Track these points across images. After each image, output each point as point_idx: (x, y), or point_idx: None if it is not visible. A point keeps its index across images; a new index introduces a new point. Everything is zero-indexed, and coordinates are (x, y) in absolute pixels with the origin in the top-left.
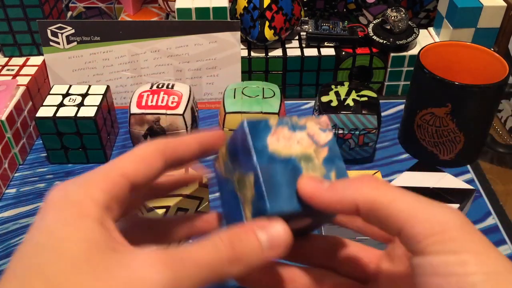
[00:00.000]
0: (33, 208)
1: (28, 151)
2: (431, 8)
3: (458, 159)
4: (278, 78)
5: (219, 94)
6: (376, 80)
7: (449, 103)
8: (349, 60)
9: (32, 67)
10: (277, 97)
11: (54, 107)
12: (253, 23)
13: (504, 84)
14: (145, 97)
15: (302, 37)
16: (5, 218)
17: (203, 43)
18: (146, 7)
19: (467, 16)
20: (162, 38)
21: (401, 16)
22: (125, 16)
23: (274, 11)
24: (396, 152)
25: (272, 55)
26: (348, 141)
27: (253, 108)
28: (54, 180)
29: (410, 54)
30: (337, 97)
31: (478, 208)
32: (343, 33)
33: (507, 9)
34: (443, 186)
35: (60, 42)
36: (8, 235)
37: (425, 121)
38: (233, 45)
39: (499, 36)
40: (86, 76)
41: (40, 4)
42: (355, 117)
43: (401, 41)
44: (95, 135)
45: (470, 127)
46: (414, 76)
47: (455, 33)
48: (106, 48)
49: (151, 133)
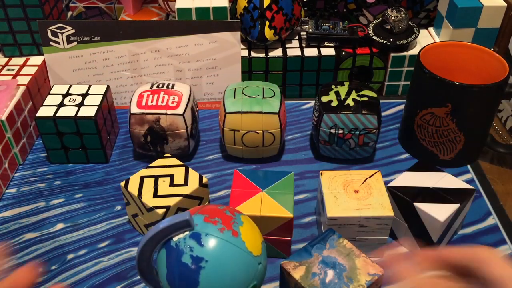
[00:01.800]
0: (33, 208)
1: (28, 151)
2: (431, 8)
3: (458, 159)
4: (278, 78)
5: (219, 94)
6: (376, 80)
7: (449, 103)
8: (349, 60)
9: (32, 67)
10: (277, 97)
11: (54, 107)
12: (253, 23)
13: (504, 84)
14: (145, 97)
15: (302, 37)
16: (5, 218)
17: (203, 43)
18: (146, 7)
19: (467, 16)
20: (162, 38)
21: (401, 16)
22: (125, 16)
23: (274, 11)
24: (396, 152)
25: (272, 55)
26: (348, 141)
27: (253, 108)
28: (54, 180)
29: (410, 54)
30: (337, 97)
31: (478, 208)
32: (343, 33)
33: (507, 9)
34: (443, 186)
35: (60, 42)
36: (8, 235)
37: (425, 121)
38: (233, 45)
39: (499, 36)
40: (86, 76)
41: (40, 4)
42: (355, 117)
43: (401, 41)
44: (95, 135)
45: (470, 127)
46: (414, 76)
47: (455, 33)
48: (106, 48)
49: (151, 133)
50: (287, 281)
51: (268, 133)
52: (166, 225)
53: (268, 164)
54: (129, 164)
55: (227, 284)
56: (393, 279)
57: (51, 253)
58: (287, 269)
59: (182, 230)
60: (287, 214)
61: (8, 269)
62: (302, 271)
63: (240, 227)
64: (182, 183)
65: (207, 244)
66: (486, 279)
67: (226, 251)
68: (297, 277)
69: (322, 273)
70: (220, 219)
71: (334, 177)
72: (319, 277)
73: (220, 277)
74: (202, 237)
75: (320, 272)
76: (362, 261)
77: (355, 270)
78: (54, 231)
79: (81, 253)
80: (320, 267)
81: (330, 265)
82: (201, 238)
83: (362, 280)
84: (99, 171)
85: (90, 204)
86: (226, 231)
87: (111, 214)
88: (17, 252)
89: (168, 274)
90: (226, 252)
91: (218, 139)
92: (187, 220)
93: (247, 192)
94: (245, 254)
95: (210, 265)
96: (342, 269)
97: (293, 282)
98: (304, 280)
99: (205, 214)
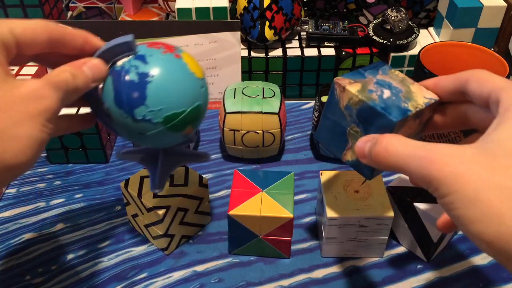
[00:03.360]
0: (33, 208)
1: None
2: (431, 8)
3: None
4: (278, 78)
5: (219, 94)
6: None
7: None
8: (349, 60)
9: (32, 67)
10: (277, 97)
11: None
12: (253, 23)
13: None
14: None
15: (302, 37)
16: (5, 218)
17: (203, 43)
18: (146, 7)
19: (467, 16)
20: (162, 38)
21: (401, 16)
22: (125, 16)
23: (274, 11)
24: None
25: (272, 55)
26: None
27: (253, 108)
28: (54, 180)
29: (410, 54)
30: None
31: None
32: (343, 33)
33: (507, 9)
34: None
35: None
36: (8, 235)
37: None
38: (233, 45)
39: (499, 36)
40: None
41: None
42: None
43: (401, 41)
44: (95, 135)
45: None
46: (414, 76)
47: (455, 33)
48: None
49: None
50: (338, 99)
51: (268, 133)
52: (108, 47)
53: (268, 164)
54: (129, 164)
55: (173, 100)
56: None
57: (51, 253)
58: (342, 83)
59: (125, 54)
60: (287, 214)
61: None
62: (358, 86)
63: (181, 53)
64: (182, 183)
65: (152, 62)
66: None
67: (171, 67)
68: (354, 91)
69: (379, 90)
70: (162, 46)
71: (334, 177)
72: (376, 94)
73: (166, 92)
74: (147, 57)
75: (377, 90)
76: (416, 87)
77: (411, 93)
78: (54, 231)
79: (81, 253)
80: (376, 86)
81: (386, 86)
82: (146, 58)
83: (420, 101)
84: (99, 171)
85: (90, 204)
86: (169, 53)
87: (111, 214)
88: (17, 252)
89: (115, 96)
90: (170, 69)
91: (218, 139)
92: (128, 42)
93: (247, 192)
94: (188, 72)
95: (156, 80)
96: (398, 90)
97: (347, 97)
98: (361, 93)
99: (147, 43)
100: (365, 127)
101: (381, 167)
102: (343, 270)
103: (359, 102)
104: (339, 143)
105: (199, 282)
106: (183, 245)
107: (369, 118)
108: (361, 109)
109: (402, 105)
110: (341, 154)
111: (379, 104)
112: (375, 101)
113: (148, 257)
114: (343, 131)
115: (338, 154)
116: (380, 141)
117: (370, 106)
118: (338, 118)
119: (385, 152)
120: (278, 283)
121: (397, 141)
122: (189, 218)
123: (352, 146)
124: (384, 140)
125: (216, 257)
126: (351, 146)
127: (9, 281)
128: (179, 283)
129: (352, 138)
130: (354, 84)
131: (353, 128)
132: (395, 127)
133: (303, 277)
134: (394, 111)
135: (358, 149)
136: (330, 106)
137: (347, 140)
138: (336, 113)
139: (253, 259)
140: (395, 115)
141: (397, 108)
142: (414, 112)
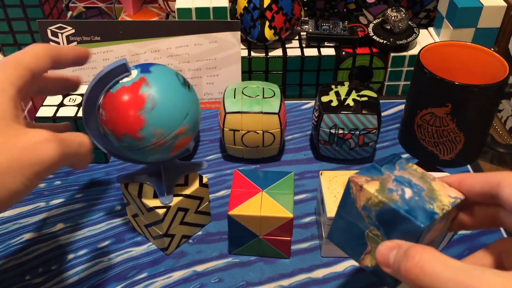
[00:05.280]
0: (33, 208)
1: None
2: (431, 8)
3: (458, 159)
4: (278, 78)
5: (219, 94)
6: (376, 80)
7: (449, 103)
8: (349, 60)
9: None
10: (277, 97)
11: (54, 107)
12: (253, 23)
13: (504, 84)
14: None
15: (302, 37)
16: (5, 218)
17: (203, 43)
18: (146, 7)
19: (467, 16)
20: (162, 38)
21: (401, 16)
22: (125, 16)
23: (274, 11)
24: (396, 152)
25: (272, 55)
26: (348, 141)
27: (253, 108)
28: (54, 180)
29: (410, 54)
30: (337, 97)
31: None
32: (343, 33)
33: (507, 9)
34: None
35: (60, 42)
36: (8, 235)
37: (425, 121)
38: (233, 45)
39: (499, 36)
40: (86, 76)
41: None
42: (355, 117)
43: (401, 41)
44: None
45: (470, 127)
46: (414, 76)
47: (455, 33)
48: (106, 48)
49: None
50: (355, 198)
51: (268, 133)
52: (105, 73)
53: (268, 164)
54: (129, 164)
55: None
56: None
57: (51, 253)
58: (358, 182)
59: (121, 75)
60: (287, 214)
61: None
62: (376, 185)
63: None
64: (182, 183)
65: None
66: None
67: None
68: (372, 191)
69: (400, 190)
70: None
71: (334, 177)
72: (397, 193)
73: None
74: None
75: (397, 189)
76: (439, 184)
77: (434, 192)
78: (54, 231)
79: (81, 253)
80: (395, 184)
81: (406, 184)
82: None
83: (445, 201)
84: (99, 171)
85: (90, 204)
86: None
87: (111, 214)
88: (17, 252)
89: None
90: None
91: (218, 139)
92: (124, 65)
93: (247, 192)
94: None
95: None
96: (420, 189)
97: (365, 197)
98: (381, 193)
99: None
100: (386, 230)
101: (411, 284)
102: (343, 270)
103: (379, 203)
104: (355, 246)
105: (199, 282)
106: (183, 245)
107: (392, 221)
108: (381, 211)
109: (427, 207)
110: (359, 259)
111: (402, 206)
112: (397, 203)
113: (148, 257)
114: (360, 234)
115: (355, 258)
116: (411, 256)
117: (392, 208)
118: (354, 219)
119: (419, 271)
120: (278, 283)
121: (433, 259)
122: (189, 218)
123: (372, 251)
124: (417, 256)
125: (216, 257)
126: (371, 250)
127: (9, 281)
128: (179, 283)
129: (371, 242)
130: (372, 183)
131: (373, 231)
132: (422, 233)
133: (303, 277)
134: (419, 215)
135: (381, 256)
136: (345, 205)
137: (366, 243)
138: (352, 213)
139: (253, 259)
140: (421, 220)
141: (422, 211)
142: (441, 214)
